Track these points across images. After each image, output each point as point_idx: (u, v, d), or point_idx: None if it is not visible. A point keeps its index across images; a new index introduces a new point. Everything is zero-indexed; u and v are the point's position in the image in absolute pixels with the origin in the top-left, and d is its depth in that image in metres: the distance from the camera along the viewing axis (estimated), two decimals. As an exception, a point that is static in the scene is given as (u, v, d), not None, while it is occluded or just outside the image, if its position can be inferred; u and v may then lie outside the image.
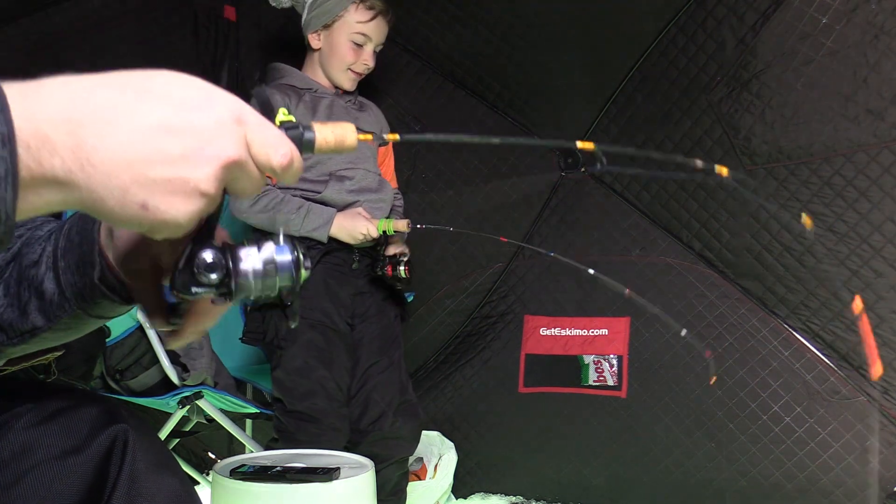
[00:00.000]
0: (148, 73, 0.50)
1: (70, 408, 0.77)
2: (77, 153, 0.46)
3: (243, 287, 0.59)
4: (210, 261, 0.57)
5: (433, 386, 2.58)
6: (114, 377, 2.01)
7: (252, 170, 0.53)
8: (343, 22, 1.98)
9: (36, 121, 0.45)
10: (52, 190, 0.47)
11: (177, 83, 0.50)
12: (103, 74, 0.49)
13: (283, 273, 0.60)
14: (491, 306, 2.60)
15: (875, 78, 1.91)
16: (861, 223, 2.03)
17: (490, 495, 2.48)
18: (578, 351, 2.45)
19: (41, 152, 0.45)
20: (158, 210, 0.49)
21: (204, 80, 0.52)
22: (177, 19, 2.32)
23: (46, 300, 0.69)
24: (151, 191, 0.48)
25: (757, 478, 2.21)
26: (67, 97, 0.47)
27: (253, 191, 0.54)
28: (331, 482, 1.40)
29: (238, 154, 0.51)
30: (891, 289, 2.04)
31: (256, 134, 0.52)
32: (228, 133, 0.50)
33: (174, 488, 0.78)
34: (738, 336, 2.28)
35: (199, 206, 0.50)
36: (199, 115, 0.49)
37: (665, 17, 2.23)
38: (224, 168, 0.50)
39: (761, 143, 2.12)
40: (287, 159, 0.54)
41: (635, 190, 2.43)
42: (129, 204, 0.48)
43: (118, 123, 0.47)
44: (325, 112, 2.00)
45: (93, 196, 0.47)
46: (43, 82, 0.47)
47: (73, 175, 0.46)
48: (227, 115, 0.51)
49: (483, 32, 2.43)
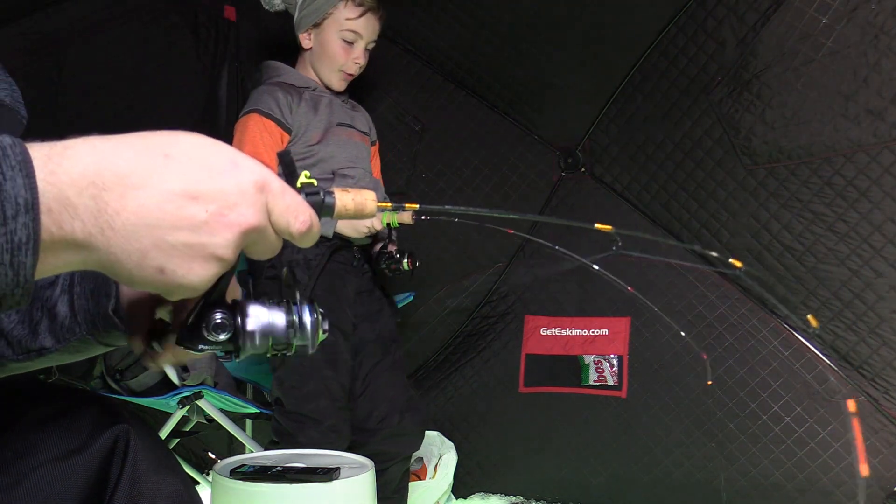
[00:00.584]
0: (174, 135, 0.50)
1: (71, 408, 0.77)
2: (98, 217, 0.46)
3: (249, 347, 0.59)
4: (219, 321, 0.58)
5: (433, 386, 2.58)
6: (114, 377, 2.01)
7: (270, 235, 0.53)
8: (332, 20, 1.98)
9: (60, 185, 0.45)
10: (71, 252, 0.47)
11: (201, 148, 0.50)
12: (130, 136, 0.49)
13: (302, 335, 0.59)
14: (491, 306, 2.60)
15: (875, 78, 1.91)
16: (861, 223, 2.03)
17: (490, 495, 2.48)
18: (579, 351, 2.45)
19: (62, 216, 0.46)
20: (176, 274, 0.49)
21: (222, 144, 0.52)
22: (177, 19, 2.32)
23: (58, 322, 0.69)
24: (170, 255, 0.48)
25: (757, 478, 2.21)
26: (92, 160, 0.47)
27: (270, 254, 0.55)
28: (331, 482, 1.40)
29: (258, 221, 0.51)
30: (891, 289, 2.04)
31: (278, 201, 0.53)
32: (250, 200, 0.51)
33: (175, 488, 0.78)
34: (738, 336, 2.28)
35: (215, 270, 0.51)
36: (222, 181, 0.50)
37: (665, 17, 2.23)
38: (243, 235, 0.51)
39: (762, 143, 2.12)
40: (306, 226, 0.54)
41: (636, 190, 2.43)
42: (146, 268, 0.48)
43: (141, 188, 0.47)
44: (325, 111, 2.00)
45: (111, 259, 0.48)
46: (69, 144, 0.47)
47: (92, 238, 0.47)
48: (250, 183, 0.51)
49: (483, 32, 2.42)
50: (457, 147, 2.57)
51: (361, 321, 2.00)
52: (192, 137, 0.51)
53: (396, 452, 1.95)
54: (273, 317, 0.59)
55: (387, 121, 2.51)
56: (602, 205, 2.49)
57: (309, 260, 1.88)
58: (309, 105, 1.98)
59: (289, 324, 0.59)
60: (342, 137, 2.01)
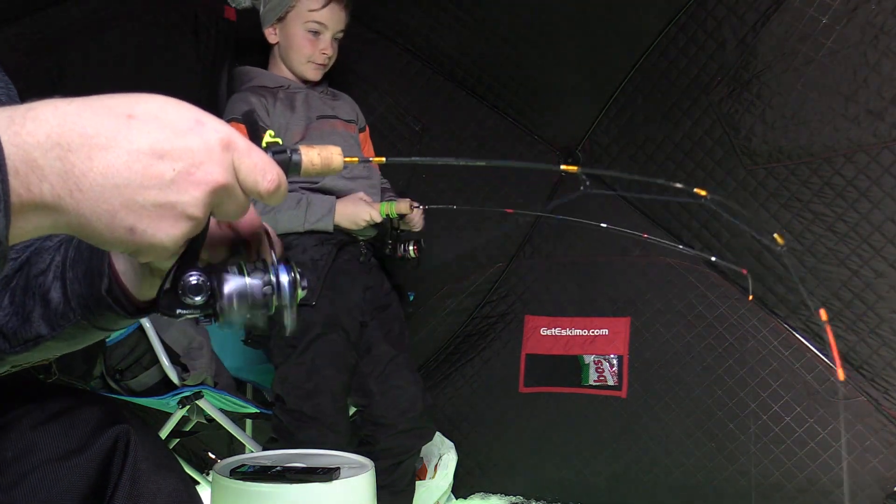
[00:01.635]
0: (136, 96, 0.50)
1: (72, 408, 0.77)
2: (66, 178, 0.46)
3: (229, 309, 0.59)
4: (193, 283, 0.58)
5: (433, 386, 2.58)
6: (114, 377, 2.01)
7: (238, 194, 0.53)
8: (295, 13, 1.98)
9: (26, 147, 0.45)
10: (41, 215, 0.47)
11: (165, 108, 0.50)
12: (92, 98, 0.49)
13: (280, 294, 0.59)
14: (491, 306, 2.60)
15: (875, 78, 1.91)
16: (861, 223, 2.03)
17: (490, 495, 2.48)
18: (579, 351, 2.45)
19: (30, 178, 0.46)
20: (146, 234, 0.49)
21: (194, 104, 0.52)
22: (177, 19, 2.31)
23: (51, 309, 0.69)
24: (139, 215, 0.49)
25: (757, 478, 2.21)
26: (57, 122, 0.47)
27: (238, 214, 0.55)
28: (331, 482, 1.40)
29: (226, 179, 0.51)
30: (891, 289, 2.04)
31: (244, 159, 0.53)
32: (217, 158, 0.51)
33: (176, 488, 0.78)
34: (738, 336, 2.28)
35: (185, 229, 0.51)
36: (188, 140, 0.50)
37: (665, 17, 2.23)
38: (212, 193, 0.51)
39: (762, 143, 2.12)
40: (274, 184, 0.55)
41: (636, 190, 2.43)
42: (116, 228, 0.49)
43: (107, 148, 0.47)
44: (302, 105, 1.99)
45: (81, 220, 0.48)
46: (32, 106, 0.47)
47: (61, 200, 0.47)
48: (216, 141, 0.51)
49: (483, 32, 2.42)
50: (457, 147, 2.56)
51: (372, 318, 1.99)
52: (156, 98, 0.51)
53: (412, 445, 1.96)
54: (250, 278, 0.59)
55: (387, 121, 2.51)
56: (602, 205, 2.49)
57: (316, 260, 1.87)
58: (285, 104, 1.98)
59: (265, 283, 0.59)
60: (324, 129, 2.00)
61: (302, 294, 0.61)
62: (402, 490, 1.97)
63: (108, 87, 1.82)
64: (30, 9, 2.03)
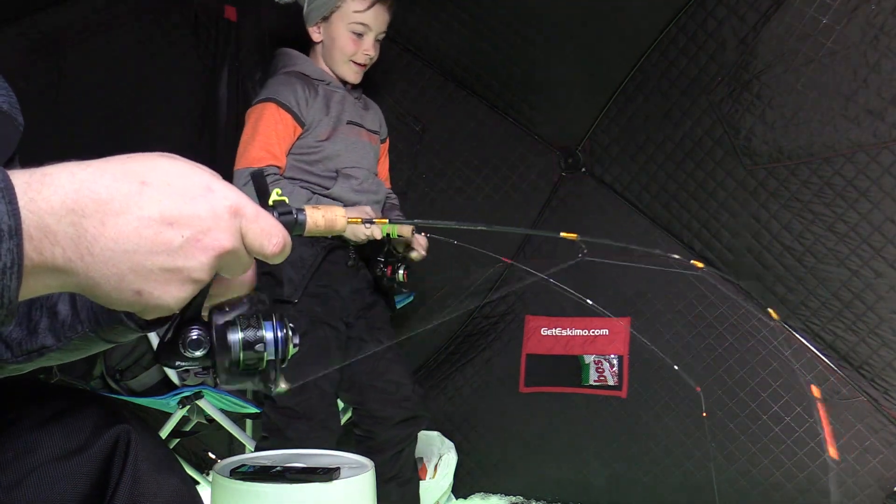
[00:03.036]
0: (152, 160, 0.52)
1: (73, 408, 0.77)
2: (78, 244, 0.48)
3: (225, 365, 0.61)
4: (194, 338, 0.60)
5: (433, 386, 2.58)
6: (114, 377, 2.01)
7: (244, 256, 0.55)
8: (341, 13, 1.98)
9: (40, 213, 0.47)
10: (51, 276, 0.49)
11: (177, 173, 0.52)
12: (108, 162, 0.50)
13: (270, 349, 0.62)
14: (492, 306, 2.60)
15: (875, 78, 1.91)
16: (861, 223, 2.03)
17: (490, 495, 2.48)
18: (579, 351, 2.45)
19: (43, 243, 0.47)
20: (152, 296, 0.51)
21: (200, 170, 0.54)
22: (177, 19, 2.32)
23: (59, 321, 0.70)
24: (147, 279, 0.50)
25: (757, 478, 2.21)
26: (73, 189, 0.48)
27: (242, 273, 0.57)
28: (331, 482, 1.40)
29: (232, 245, 0.53)
30: (891, 289, 2.04)
31: (252, 225, 0.54)
32: (224, 225, 0.52)
33: (176, 488, 0.78)
34: (738, 336, 2.28)
35: (190, 291, 0.53)
36: (197, 207, 0.51)
37: (665, 17, 2.23)
38: (218, 258, 0.53)
39: (762, 144, 2.12)
40: (279, 248, 0.56)
41: (636, 190, 2.43)
42: (124, 290, 0.50)
43: (119, 214, 0.49)
44: (337, 107, 2.00)
45: (89, 282, 0.49)
46: (47, 171, 0.49)
47: (72, 264, 0.48)
48: (224, 208, 0.53)
49: (483, 32, 2.42)
50: (457, 147, 2.57)
51: (359, 318, 2.00)
52: (170, 162, 0.52)
53: (410, 433, 1.98)
54: (245, 334, 0.61)
55: (387, 121, 2.50)
56: (602, 205, 2.49)
57: (304, 259, 1.88)
58: (323, 100, 1.98)
59: (259, 339, 0.62)
60: (350, 137, 2.01)
61: (293, 351, 0.63)
62: (409, 479, 1.99)
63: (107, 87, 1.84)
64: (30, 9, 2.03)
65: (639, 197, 2.43)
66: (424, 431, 2.51)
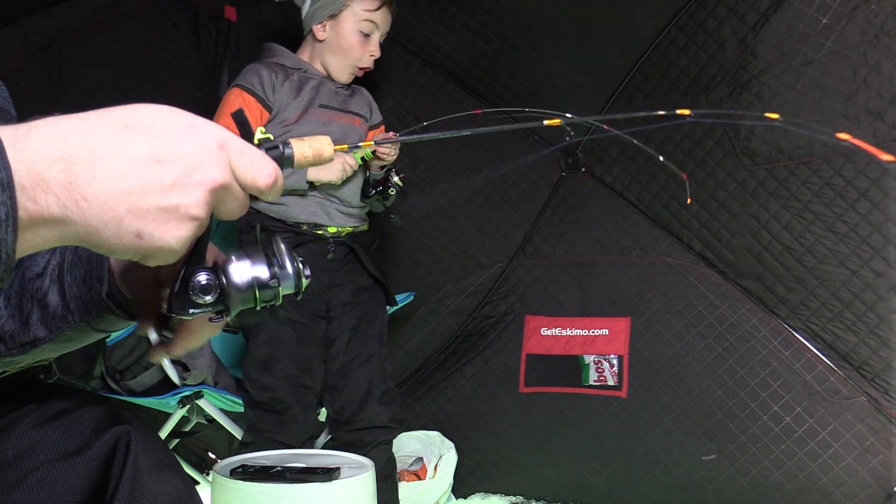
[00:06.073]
0: (130, 107, 0.52)
1: (72, 409, 0.77)
2: (71, 190, 0.48)
3: (238, 303, 0.60)
4: (204, 283, 0.59)
5: (433, 386, 2.58)
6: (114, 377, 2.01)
7: (238, 192, 0.55)
8: (350, 11, 1.98)
9: (30, 162, 0.47)
10: (49, 227, 0.49)
11: (159, 115, 0.52)
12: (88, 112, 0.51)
13: (286, 284, 0.61)
14: (492, 306, 2.60)
15: (875, 78, 1.91)
16: (861, 223, 2.03)
17: (490, 495, 2.48)
18: (579, 351, 2.45)
19: (36, 192, 0.47)
20: (153, 238, 0.51)
21: (188, 110, 0.54)
22: (177, 19, 2.32)
23: (50, 312, 0.70)
24: (145, 220, 0.50)
25: (757, 478, 2.21)
26: (58, 137, 0.48)
27: (240, 211, 0.57)
28: (331, 482, 1.40)
29: (224, 178, 0.53)
30: (891, 289, 2.04)
31: (240, 157, 0.54)
32: (213, 159, 0.53)
33: (176, 488, 0.78)
34: (738, 336, 2.28)
35: (190, 230, 0.52)
36: (184, 144, 0.52)
37: (665, 17, 2.23)
38: (212, 192, 0.52)
39: (761, 144, 2.12)
40: (272, 179, 0.56)
41: (636, 190, 2.43)
42: (124, 234, 0.50)
43: (108, 158, 0.49)
44: (309, 92, 1.99)
45: (88, 230, 0.49)
46: (32, 124, 0.49)
47: (68, 211, 0.48)
48: (211, 142, 0.53)
49: (483, 32, 2.42)
50: (457, 147, 2.56)
51: (337, 314, 1.99)
52: (149, 107, 0.53)
53: (373, 439, 1.93)
54: (256, 271, 0.60)
55: (387, 121, 2.50)
56: (602, 205, 2.49)
57: None
58: (293, 86, 1.98)
59: (272, 275, 0.61)
60: (321, 119, 1.99)
61: (306, 282, 0.62)
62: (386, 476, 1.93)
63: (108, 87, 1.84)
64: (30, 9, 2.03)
65: (638, 197, 2.43)
66: (424, 431, 2.51)
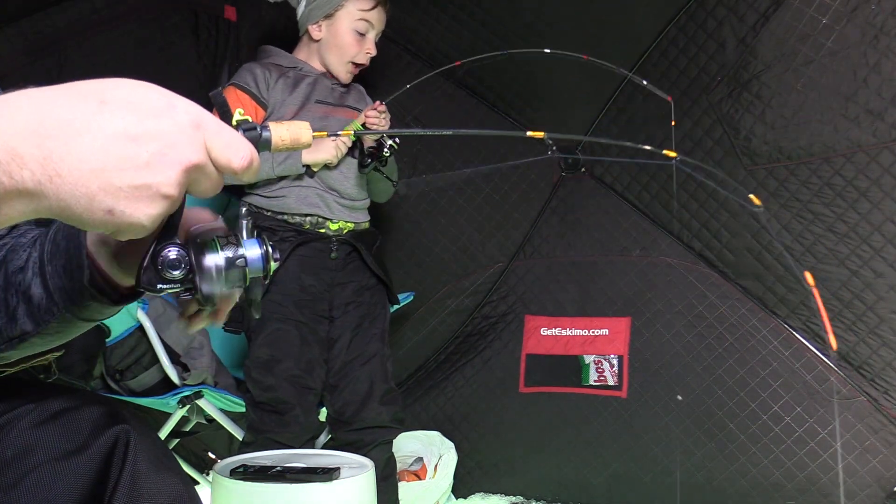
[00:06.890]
0: (108, 81, 0.52)
1: (72, 408, 0.77)
2: (45, 165, 0.48)
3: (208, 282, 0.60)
4: (173, 258, 0.59)
5: (433, 386, 2.58)
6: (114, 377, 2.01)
7: (212, 172, 0.55)
8: (346, 11, 1.99)
9: (4, 135, 0.47)
10: (23, 201, 0.49)
11: (136, 92, 0.52)
12: (64, 85, 0.50)
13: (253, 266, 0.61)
14: (491, 306, 2.60)
15: (875, 78, 1.91)
16: (861, 223, 2.03)
17: (490, 495, 2.48)
18: (579, 351, 2.45)
19: (11, 165, 0.47)
20: (124, 215, 0.51)
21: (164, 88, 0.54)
22: (177, 19, 2.31)
23: (34, 305, 0.70)
24: (117, 197, 0.50)
25: (757, 478, 2.21)
26: (32, 110, 0.48)
27: (213, 191, 0.56)
28: (331, 482, 1.41)
29: (199, 158, 0.53)
30: (891, 289, 2.04)
31: (216, 138, 0.54)
32: (189, 139, 0.52)
33: (176, 488, 0.78)
34: (738, 336, 2.28)
35: (162, 208, 0.52)
36: (160, 122, 0.51)
37: (665, 17, 2.23)
38: (186, 172, 0.52)
39: (761, 144, 2.12)
40: (247, 161, 0.56)
41: (636, 190, 2.43)
42: (95, 210, 0.50)
43: (82, 133, 0.49)
44: (305, 89, 2.00)
45: (61, 204, 0.49)
46: (5, 98, 0.49)
47: (42, 186, 0.48)
48: (187, 122, 0.53)
49: (483, 32, 2.42)
50: (457, 147, 2.56)
51: (339, 314, 1.99)
52: (127, 82, 0.52)
53: (372, 440, 1.93)
54: (225, 251, 0.61)
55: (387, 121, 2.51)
56: (602, 205, 2.49)
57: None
58: (288, 83, 1.99)
59: (239, 255, 0.61)
60: (317, 114, 2.00)
61: (275, 266, 0.63)
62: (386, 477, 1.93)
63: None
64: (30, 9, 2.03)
65: (638, 197, 2.43)
66: (424, 431, 2.51)
